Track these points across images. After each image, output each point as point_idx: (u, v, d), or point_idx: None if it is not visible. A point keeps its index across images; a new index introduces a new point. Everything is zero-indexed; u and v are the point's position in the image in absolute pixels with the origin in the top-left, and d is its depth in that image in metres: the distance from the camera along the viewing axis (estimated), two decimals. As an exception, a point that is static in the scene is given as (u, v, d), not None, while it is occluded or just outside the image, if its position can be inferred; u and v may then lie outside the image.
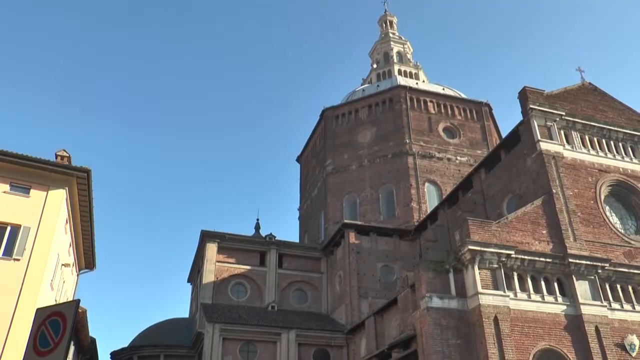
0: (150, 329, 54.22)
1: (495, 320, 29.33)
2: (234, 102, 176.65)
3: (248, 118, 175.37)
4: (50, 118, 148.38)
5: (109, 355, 53.23)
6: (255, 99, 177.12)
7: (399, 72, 75.94)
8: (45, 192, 24.10)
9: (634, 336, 31.70)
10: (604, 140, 38.99)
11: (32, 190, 24.00)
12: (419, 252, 49.21)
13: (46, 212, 23.73)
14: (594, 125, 38.93)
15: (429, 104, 63.92)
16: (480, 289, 30.03)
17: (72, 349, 33.27)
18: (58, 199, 24.40)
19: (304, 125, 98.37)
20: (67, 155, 27.62)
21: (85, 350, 38.90)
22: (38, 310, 5.46)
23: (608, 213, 36.40)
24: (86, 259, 32.86)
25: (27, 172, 24.02)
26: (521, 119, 38.09)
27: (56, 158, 26.69)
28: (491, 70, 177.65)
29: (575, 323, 31.04)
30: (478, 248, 30.64)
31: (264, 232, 58.32)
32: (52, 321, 5.24)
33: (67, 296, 29.08)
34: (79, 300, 5.31)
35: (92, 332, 36.37)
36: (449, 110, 64.42)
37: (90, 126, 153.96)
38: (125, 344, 53.36)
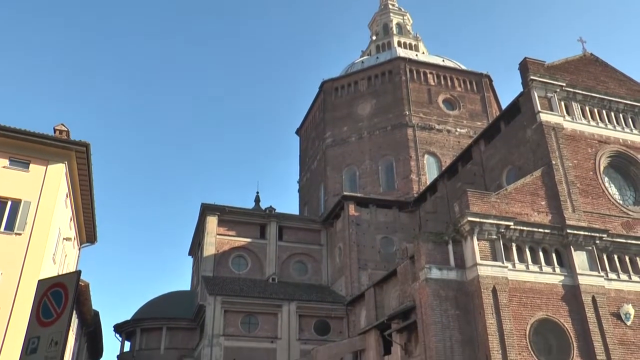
0: (153, 302, 54.83)
1: (494, 290, 29.64)
2: (233, 76, 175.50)
3: (247, 91, 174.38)
4: (47, 93, 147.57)
5: (112, 328, 54.00)
6: (254, 72, 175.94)
7: (399, 43, 75.27)
8: (45, 167, 24.10)
9: (630, 305, 32.10)
10: (604, 111, 38.86)
11: (31, 165, 24.01)
12: (419, 223, 49.46)
13: (46, 187, 23.76)
14: (595, 96, 38.76)
15: (428, 75, 63.51)
16: (479, 260, 30.28)
17: (75, 321, 33.66)
18: (58, 173, 24.42)
19: (304, 98, 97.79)
20: (66, 129, 27.55)
21: (89, 323, 39.37)
22: (40, 281, 5.53)
23: (607, 184, 36.50)
24: (87, 232, 33.01)
25: (26, 146, 23.99)
26: (521, 90, 37.91)
27: (55, 132, 26.63)
28: (492, 42, 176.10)
29: (572, 293, 31.39)
30: (477, 219, 30.79)
31: (263, 205, 58.57)
32: (54, 292, 5.32)
33: (69, 270, 29.33)
34: (80, 271, 5.38)
35: (95, 306, 36.80)
36: (449, 81, 64.04)
37: (89, 99, 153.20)
38: (128, 317, 54.07)
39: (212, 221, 51.64)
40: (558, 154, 34.97)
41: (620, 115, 39.25)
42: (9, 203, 22.91)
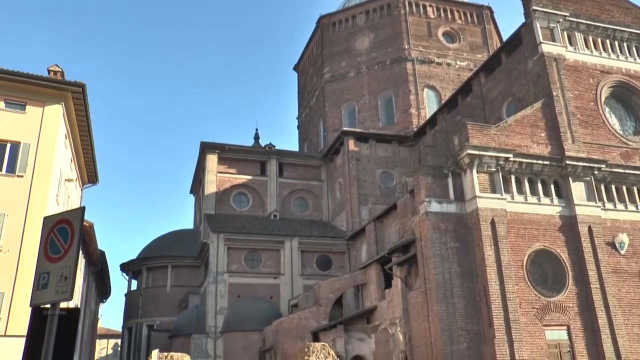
0: (157, 240, 55.74)
1: (492, 223, 30.07)
2: (230, 12, 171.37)
3: (244, 28, 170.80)
4: (40, 34, 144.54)
5: (119, 267, 55.13)
6: (251, 8, 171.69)
7: (397, -26, 72.87)
8: (42, 108, 23.96)
9: (624, 235, 32.68)
10: (607, 41, 38.14)
11: (27, 107, 23.85)
12: (418, 157, 49.59)
13: (44, 128, 23.70)
14: (599, 26, 37.93)
15: (428, 8, 61.90)
16: (478, 193, 30.56)
17: (82, 262, 34.32)
18: (55, 115, 24.29)
19: (301, 34, 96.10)
20: (60, 70, 27.19)
21: (96, 263, 40.12)
22: (45, 218, 5.63)
23: (607, 114, 36.33)
24: (88, 173, 33.16)
25: (21, 88, 23.76)
26: (523, 21, 37.11)
27: (49, 74, 26.30)
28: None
29: (569, 223, 31.87)
30: (477, 152, 30.85)
31: (263, 142, 58.54)
32: (60, 228, 5.43)
33: (72, 210, 29.45)
34: (84, 207, 5.46)
35: (101, 246, 37.38)
36: (449, 14, 62.48)
37: (83, 39, 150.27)
38: (134, 256, 55.12)
39: (212, 159, 51.77)
40: (559, 85, 34.63)
41: (625, 44, 38.55)
42: (8, 145, 22.91)
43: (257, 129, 63.47)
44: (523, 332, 28.51)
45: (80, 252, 32.91)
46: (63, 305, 5.39)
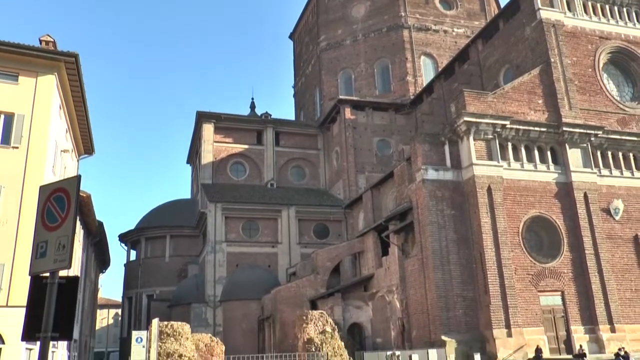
0: (155, 211, 55.86)
1: (489, 190, 30.19)
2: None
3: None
4: (30, 4, 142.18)
5: (117, 238, 55.34)
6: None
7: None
8: (34, 79, 23.68)
9: (619, 201, 32.89)
10: (607, 6, 37.71)
11: (20, 77, 23.56)
12: (415, 125, 49.46)
13: (38, 99, 23.46)
14: (599, -10, 37.48)
15: (424, -27, 60.86)
16: (474, 160, 30.60)
17: (80, 232, 34.41)
18: (48, 85, 24.02)
19: (297, 2, 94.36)
20: (52, 40, 26.79)
21: (94, 233, 40.20)
22: (41, 187, 5.62)
23: (605, 81, 36.17)
24: (84, 144, 32.97)
25: (12, 58, 23.44)
26: (521, -15, 36.63)
27: (40, 44, 25.91)
28: None
29: (565, 190, 32.03)
30: (474, 119, 30.79)
31: (259, 112, 58.22)
32: (56, 197, 5.43)
33: (69, 181, 29.29)
34: (79, 176, 5.45)
35: (99, 217, 37.38)
36: (446, -21, 61.48)
37: (75, 7, 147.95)
38: (132, 227, 55.29)
39: (208, 129, 51.54)
40: (557, 51, 34.39)
41: (624, 9, 38.14)
42: (2, 117, 22.72)
43: (252, 98, 62.97)
44: (518, 298, 28.90)
45: (78, 222, 32.88)
46: (62, 274, 5.43)
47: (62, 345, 31.16)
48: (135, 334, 16.13)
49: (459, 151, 31.71)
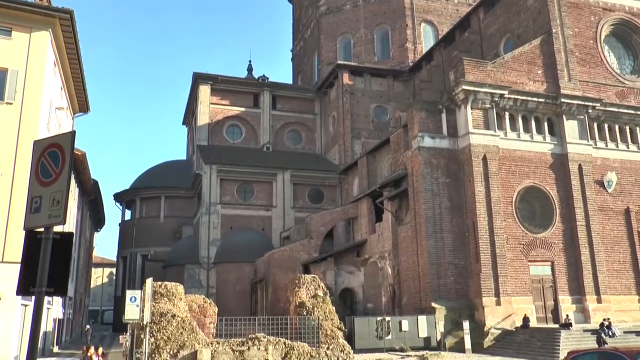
0: (150, 171, 55.78)
1: (484, 159, 30.25)
2: None
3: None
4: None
5: (112, 197, 55.40)
6: None
7: None
8: (28, 34, 23.31)
9: (613, 173, 33.06)
10: (610, -24, 37.18)
11: (14, 33, 23.19)
12: (413, 92, 49.18)
13: (32, 55, 23.15)
14: (602, -41, 36.88)
15: (428, -64, 59.62)
16: (471, 129, 30.57)
17: (75, 190, 34.41)
18: (42, 41, 23.67)
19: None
20: (47, -7, 26.29)
21: (89, 192, 40.23)
22: (35, 142, 5.58)
23: (606, 53, 35.90)
24: (79, 102, 32.67)
25: (5, 13, 23.00)
26: (526, -49, 35.96)
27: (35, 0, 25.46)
28: None
29: (560, 161, 32.13)
30: (472, 88, 30.65)
31: (256, 75, 57.69)
32: (50, 153, 5.39)
33: (64, 139, 28.99)
34: (74, 131, 5.41)
35: (94, 176, 37.35)
36: (450, -57, 60.26)
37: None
38: (127, 187, 55.28)
39: (204, 90, 51.14)
40: (559, 22, 34.03)
41: (628, -21, 37.60)
42: (-4, 72, 22.46)
43: (250, 61, 62.66)
44: (508, 267, 29.27)
45: (73, 180, 32.79)
46: (57, 229, 5.43)
47: (57, 302, 31.50)
48: (129, 293, 16.28)
49: (456, 120, 31.64)
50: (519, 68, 32.78)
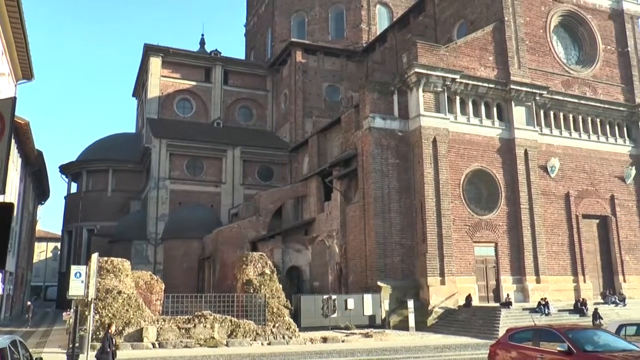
0: (98, 143, 54.16)
1: (434, 141, 30.73)
2: None
3: None
4: None
5: (58, 169, 53.55)
6: None
7: None
8: (-33, -6, 22.11)
9: (556, 159, 34.27)
10: (561, -32, 38.04)
11: (-49, -9, 21.95)
12: (366, 73, 49.34)
13: (-30, 16, 21.98)
14: (554, -51, 37.65)
15: None
16: (422, 111, 30.96)
17: (18, 161, 33.09)
18: (-18, 2, 22.47)
19: None
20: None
21: (33, 163, 38.70)
22: (-27, 107, 5.30)
23: (555, 43, 36.89)
24: (22, 68, 31.21)
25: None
26: (482, -63, 36.30)
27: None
28: None
29: (507, 146, 33.00)
30: (424, 71, 30.96)
31: (209, 49, 56.59)
32: (-11, 119, 5.13)
33: (4, 107, 27.63)
34: (15, 97, 5.15)
35: (39, 146, 35.88)
36: None
37: None
38: (74, 159, 53.56)
39: (155, 62, 49.89)
40: (511, 10, 34.70)
41: (577, -28, 38.57)
42: None
43: (203, 35, 61.22)
44: (454, 247, 30.01)
45: (16, 150, 31.47)
46: (-4, 199, 5.20)
47: (-5, 276, 30.39)
48: (74, 268, 15.78)
49: (408, 102, 31.96)
50: (471, 53, 33.31)
